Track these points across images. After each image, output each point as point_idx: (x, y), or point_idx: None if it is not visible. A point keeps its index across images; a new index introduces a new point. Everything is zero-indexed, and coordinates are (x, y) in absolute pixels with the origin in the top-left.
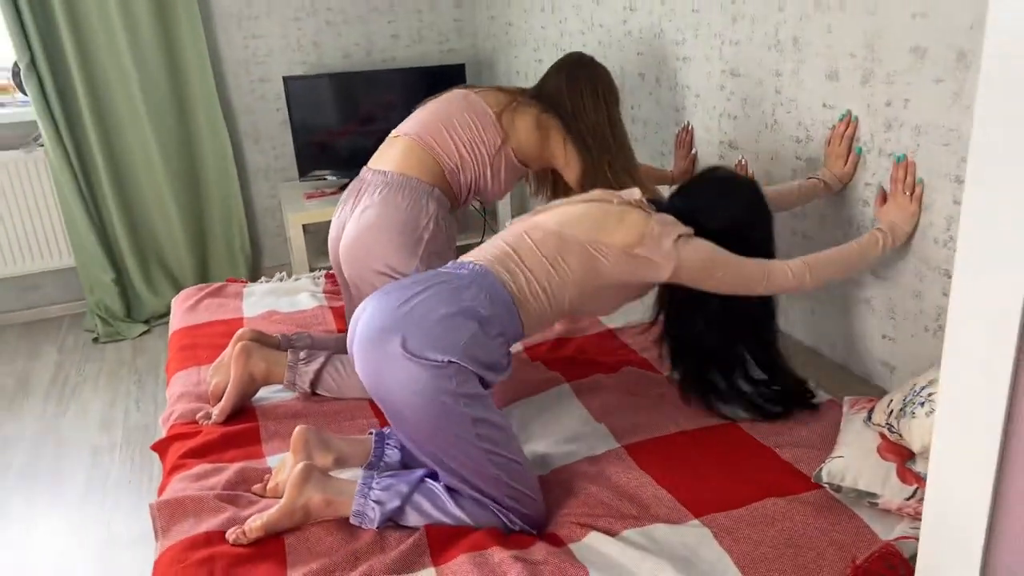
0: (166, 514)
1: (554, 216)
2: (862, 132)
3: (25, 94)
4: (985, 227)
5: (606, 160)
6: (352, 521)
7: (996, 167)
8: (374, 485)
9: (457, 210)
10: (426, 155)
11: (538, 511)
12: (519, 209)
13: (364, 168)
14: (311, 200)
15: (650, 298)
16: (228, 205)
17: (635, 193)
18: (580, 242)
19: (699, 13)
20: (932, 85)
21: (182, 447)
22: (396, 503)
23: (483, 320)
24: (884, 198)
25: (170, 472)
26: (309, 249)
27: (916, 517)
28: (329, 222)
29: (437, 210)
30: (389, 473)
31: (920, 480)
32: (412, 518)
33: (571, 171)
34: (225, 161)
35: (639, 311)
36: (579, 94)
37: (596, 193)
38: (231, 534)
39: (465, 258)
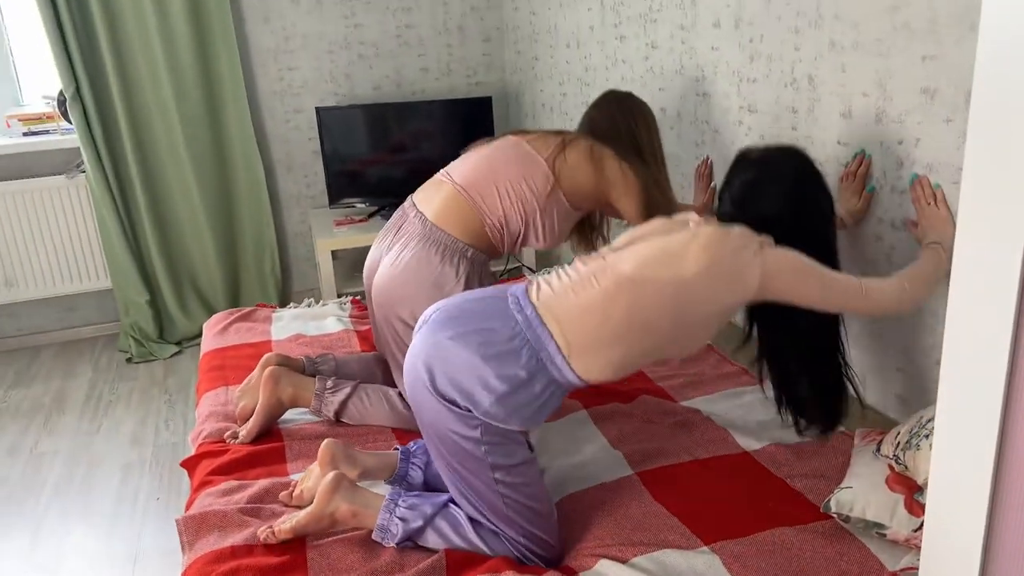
0: (192, 528)
1: (627, 257)
2: (875, 169)
3: (69, 122)
4: (976, 260)
5: (662, 180)
6: (375, 535)
7: (988, 202)
8: (400, 502)
9: (499, 257)
10: (469, 211)
11: (552, 553)
12: None
13: (408, 201)
14: (340, 227)
15: None
16: (260, 231)
17: (692, 215)
18: (659, 281)
19: (718, 51)
20: (942, 125)
21: (210, 464)
22: (419, 523)
23: (519, 380)
24: (915, 223)
25: (198, 488)
26: (337, 274)
27: None
28: (357, 249)
29: (468, 270)
30: (416, 493)
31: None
32: (431, 540)
33: (630, 198)
34: (258, 188)
35: None
36: (632, 120)
37: (659, 223)
38: (261, 532)
39: (532, 292)
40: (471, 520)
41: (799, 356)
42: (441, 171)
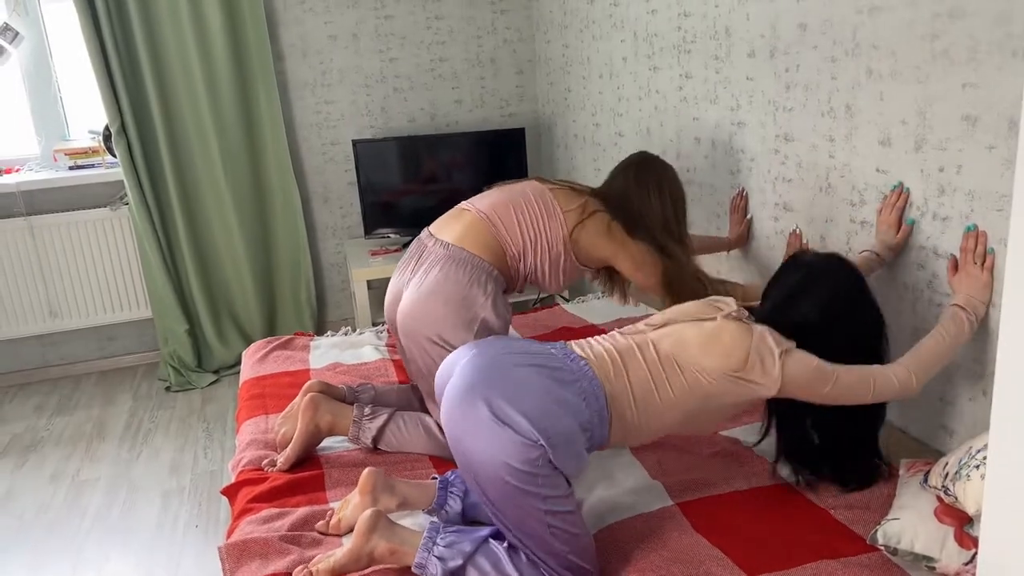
0: (234, 556)
1: (664, 336)
2: (915, 197)
3: (114, 156)
4: None
5: (677, 250)
6: (414, 572)
7: None
8: (439, 540)
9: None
10: (490, 236)
11: None
12: None
13: (425, 232)
14: (375, 257)
15: None
16: (297, 261)
17: (731, 303)
18: (686, 368)
19: (753, 81)
20: (984, 152)
21: (251, 492)
22: (458, 561)
23: (582, 418)
24: (955, 267)
25: (239, 516)
26: (372, 304)
27: None
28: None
29: (495, 290)
30: (454, 529)
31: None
32: (471, 575)
33: (628, 265)
34: (295, 219)
35: None
36: (646, 191)
37: (698, 307)
38: (299, 573)
39: (576, 350)
40: (510, 554)
41: (825, 448)
42: (462, 203)
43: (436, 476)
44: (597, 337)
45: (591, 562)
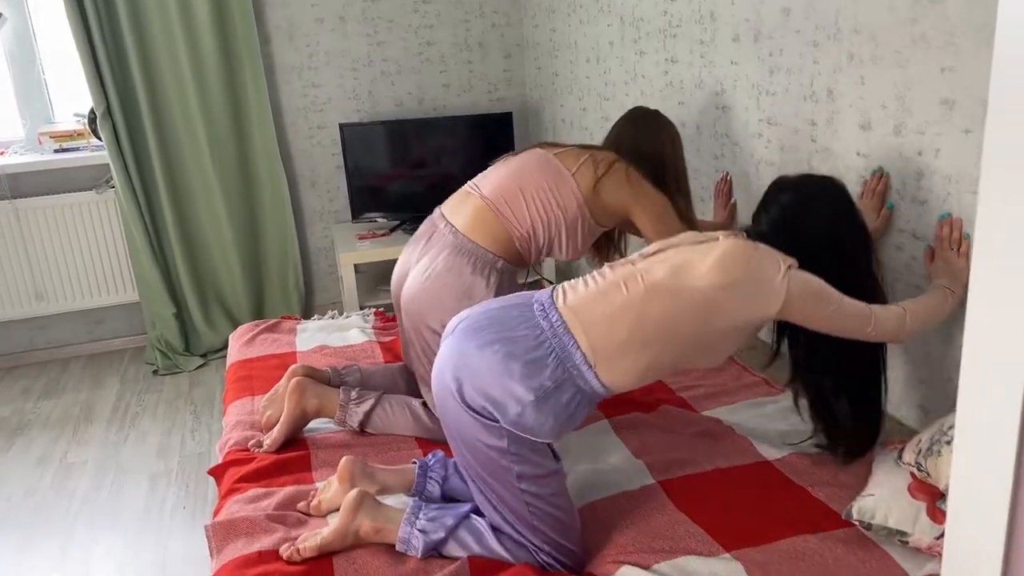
0: (221, 534)
1: (657, 263)
2: (894, 180)
3: (99, 139)
4: (997, 265)
5: (681, 203)
6: (397, 547)
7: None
8: (420, 515)
9: (528, 268)
10: (497, 224)
11: (575, 560)
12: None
13: (437, 212)
14: (363, 241)
15: None
16: (284, 245)
17: (723, 233)
18: (683, 290)
19: (738, 65)
20: (961, 136)
21: (237, 472)
22: (440, 535)
23: (545, 390)
24: (932, 255)
25: (225, 495)
26: (360, 288)
27: None
28: (380, 263)
29: (499, 280)
30: (436, 505)
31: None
32: (454, 550)
33: (651, 218)
34: (282, 203)
35: None
36: (658, 141)
37: (690, 235)
38: (284, 551)
39: (558, 298)
40: (493, 529)
41: (837, 379)
42: (469, 183)
43: (416, 461)
44: (588, 276)
45: (575, 543)
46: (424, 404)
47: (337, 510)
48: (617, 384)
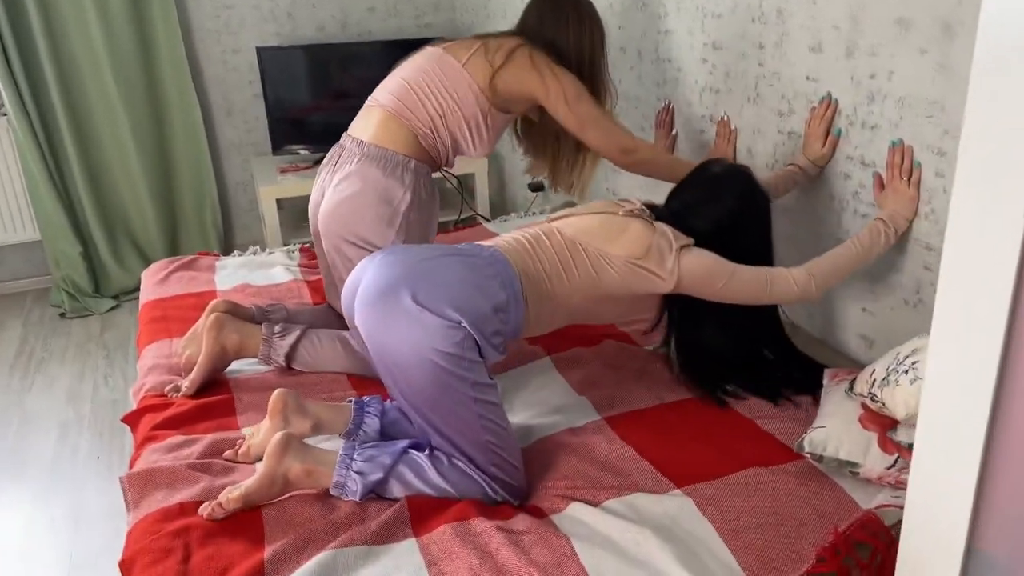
0: (137, 486)
1: (570, 224)
2: (844, 105)
3: None
4: (977, 191)
5: (599, 90)
6: (332, 491)
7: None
8: (356, 456)
9: (440, 169)
10: (399, 126)
11: (520, 482)
12: (497, 183)
13: (344, 135)
14: (285, 175)
15: None
16: (199, 179)
17: (634, 202)
18: (591, 251)
19: None
20: (917, 56)
21: (154, 419)
22: (379, 475)
23: (496, 304)
24: (881, 184)
25: (141, 444)
26: (283, 224)
27: (897, 486)
28: (304, 197)
29: (415, 180)
30: (370, 444)
31: (901, 449)
32: (395, 489)
33: (562, 100)
34: (196, 134)
35: None
36: (564, 21)
37: (602, 204)
38: (205, 509)
39: (486, 243)
40: (433, 461)
41: (721, 353)
42: (368, 99)
43: (352, 399)
44: (502, 235)
45: (518, 460)
46: (356, 337)
47: None
48: (531, 325)
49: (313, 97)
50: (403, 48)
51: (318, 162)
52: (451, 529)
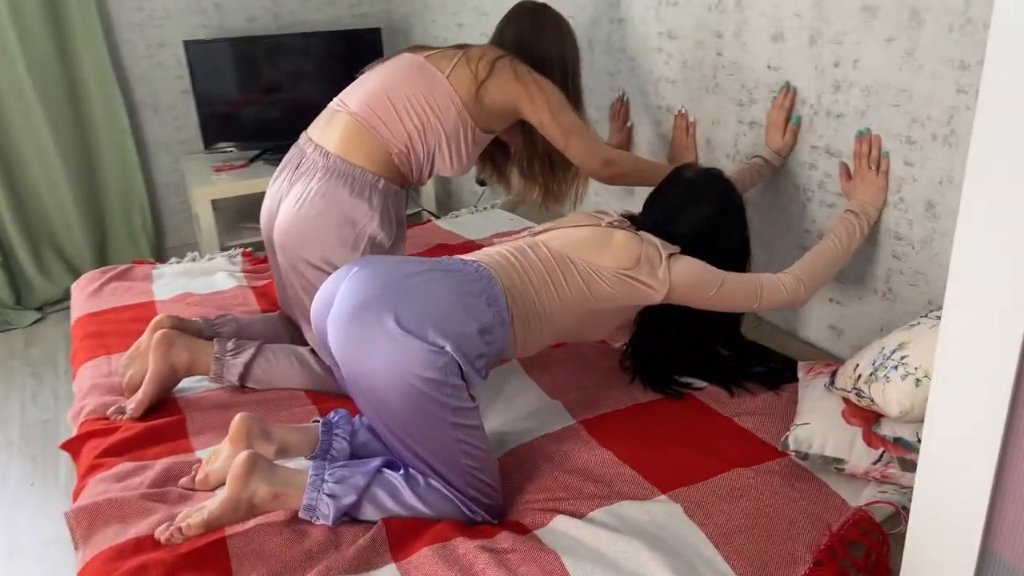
0: (85, 521)
1: (556, 237)
2: (808, 94)
3: None
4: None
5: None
6: (302, 515)
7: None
8: (327, 477)
9: (411, 188)
10: (371, 139)
11: (498, 501)
12: (442, 178)
13: (304, 136)
14: (220, 174)
15: None
16: (127, 181)
17: (612, 213)
18: (580, 265)
19: None
20: (883, 44)
21: (98, 445)
22: (352, 497)
23: (483, 325)
24: (848, 174)
25: (86, 474)
26: (220, 226)
27: (883, 480)
28: (240, 197)
29: (383, 203)
30: (341, 464)
31: (886, 443)
32: (368, 512)
33: (546, 111)
34: (121, 133)
35: None
36: (550, 39)
37: (582, 216)
38: (162, 533)
39: (468, 257)
40: (408, 481)
41: (679, 354)
42: (335, 99)
43: (318, 419)
44: (484, 249)
45: (496, 480)
46: (312, 351)
47: None
48: (519, 345)
49: (246, 92)
50: (339, 39)
51: (254, 159)
52: (432, 552)
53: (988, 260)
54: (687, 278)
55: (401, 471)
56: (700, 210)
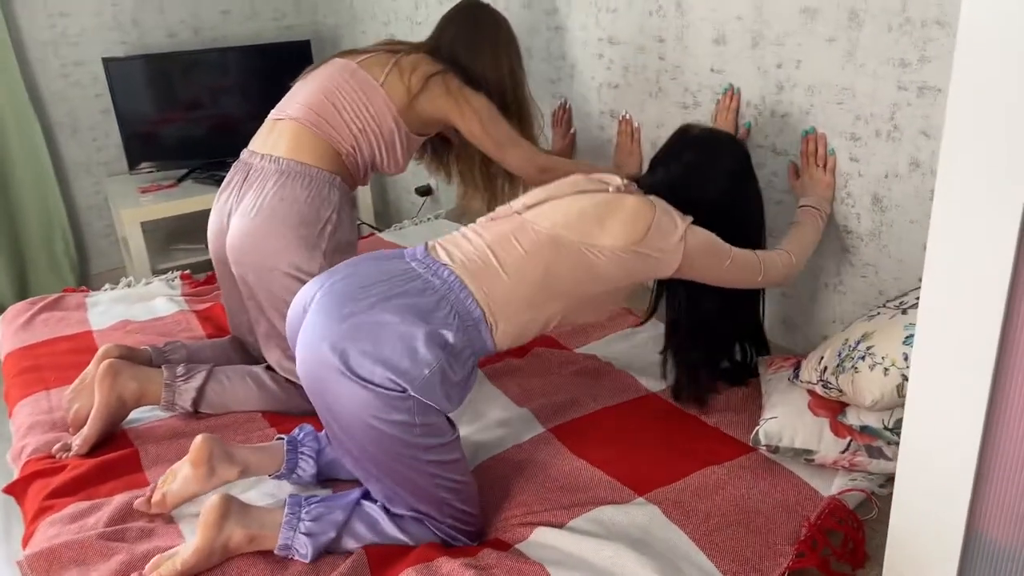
0: (42, 567)
1: (545, 214)
2: (753, 95)
3: None
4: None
5: (522, 129)
6: (278, 553)
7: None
8: (303, 516)
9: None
10: (320, 141)
11: (479, 526)
12: (379, 189)
13: (246, 152)
14: (147, 195)
15: None
16: (46, 206)
17: (616, 179)
18: (575, 245)
19: None
20: (824, 45)
21: (46, 485)
22: (331, 535)
23: (451, 349)
24: (795, 172)
25: (35, 517)
26: (151, 249)
27: (851, 468)
28: (171, 218)
29: (340, 200)
30: (317, 500)
31: (853, 432)
32: (348, 545)
33: (476, 125)
34: (37, 155)
35: None
36: (482, 53)
37: (575, 180)
38: None
39: (441, 255)
40: (387, 512)
41: (710, 337)
42: (272, 112)
43: (282, 436)
44: (465, 230)
45: (475, 507)
46: (269, 368)
47: (188, 502)
48: (506, 343)
49: (170, 110)
50: (264, 53)
51: (183, 178)
52: (416, 573)
53: (965, 241)
54: (700, 249)
55: (380, 502)
56: (721, 166)
